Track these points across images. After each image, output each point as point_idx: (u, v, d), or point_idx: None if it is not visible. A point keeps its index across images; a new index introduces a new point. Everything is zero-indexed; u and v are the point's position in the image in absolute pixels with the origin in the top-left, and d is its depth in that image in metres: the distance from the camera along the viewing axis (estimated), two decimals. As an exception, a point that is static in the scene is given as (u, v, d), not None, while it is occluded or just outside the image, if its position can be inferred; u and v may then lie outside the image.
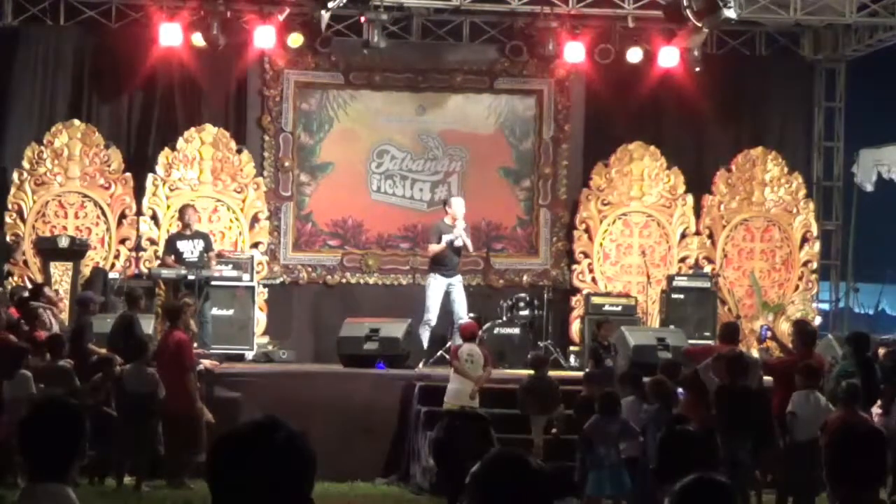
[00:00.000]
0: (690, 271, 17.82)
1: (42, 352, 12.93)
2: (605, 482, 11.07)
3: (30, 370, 12.33)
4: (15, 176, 16.94)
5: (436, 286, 15.88)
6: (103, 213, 17.08)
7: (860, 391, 11.08)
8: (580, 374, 13.94)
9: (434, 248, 15.94)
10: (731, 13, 15.87)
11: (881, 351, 13.44)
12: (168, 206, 17.10)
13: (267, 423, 2.99)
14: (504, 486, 3.17)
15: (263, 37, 16.80)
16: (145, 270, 16.56)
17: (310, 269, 17.81)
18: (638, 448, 11.14)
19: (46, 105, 17.43)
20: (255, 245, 17.42)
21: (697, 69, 17.33)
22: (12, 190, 16.94)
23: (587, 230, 18.12)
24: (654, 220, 18.11)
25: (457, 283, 15.98)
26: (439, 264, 15.93)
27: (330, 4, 16.19)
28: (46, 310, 14.21)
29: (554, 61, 17.53)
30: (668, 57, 17.34)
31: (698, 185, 18.24)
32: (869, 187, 18.56)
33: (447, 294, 15.85)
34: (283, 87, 17.73)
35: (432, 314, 15.75)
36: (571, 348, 17.20)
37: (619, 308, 16.87)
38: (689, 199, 18.10)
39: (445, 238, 15.80)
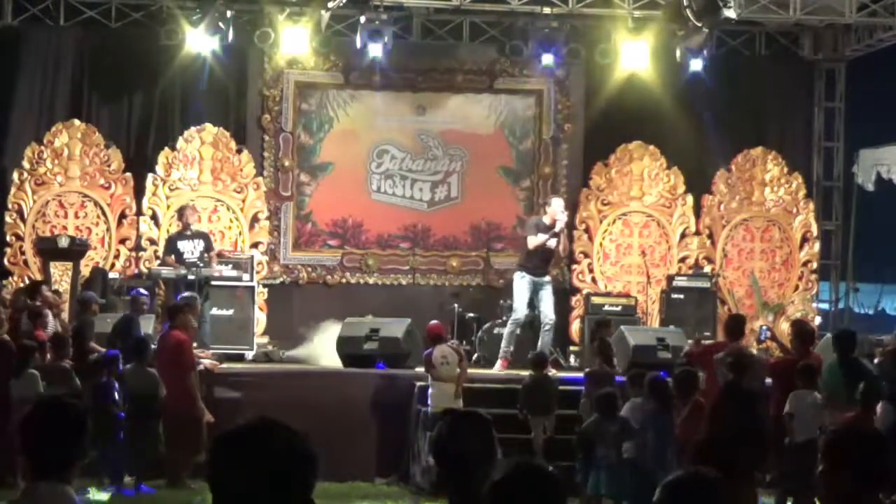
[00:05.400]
0: (690, 271, 17.81)
1: (42, 351, 12.92)
2: (605, 482, 11.07)
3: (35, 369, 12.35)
4: (15, 176, 16.94)
5: (521, 285, 15.28)
6: (103, 213, 17.08)
7: (875, 392, 10.99)
8: (580, 374, 13.92)
9: (533, 240, 15.18)
10: (730, 13, 15.89)
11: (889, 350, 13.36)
12: (168, 206, 17.10)
13: (267, 423, 2.99)
14: (523, 494, 3.26)
15: (264, 37, 16.81)
16: (145, 270, 16.57)
17: (310, 269, 17.80)
18: (638, 448, 11.12)
19: (46, 105, 17.43)
20: (255, 245, 17.42)
21: (697, 69, 17.33)
22: (12, 190, 16.94)
23: (587, 230, 18.11)
24: (654, 220, 18.10)
25: (545, 283, 15.37)
26: (526, 263, 15.39)
27: (330, 4, 16.19)
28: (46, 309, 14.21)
29: (554, 61, 17.48)
30: (668, 57, 17.33)
31: (698, 185, 18.24)
32: (869, 187, 18.55)
33: (535, 293, 15.32)
34: (283, 87, 17.73)
35: (519, 313, 15.20)
36: (571, 348, 17.20)
37: (619, 308, 16.85)
38: (689, 199, 18.10)
39: (541, 236, 15.18)
